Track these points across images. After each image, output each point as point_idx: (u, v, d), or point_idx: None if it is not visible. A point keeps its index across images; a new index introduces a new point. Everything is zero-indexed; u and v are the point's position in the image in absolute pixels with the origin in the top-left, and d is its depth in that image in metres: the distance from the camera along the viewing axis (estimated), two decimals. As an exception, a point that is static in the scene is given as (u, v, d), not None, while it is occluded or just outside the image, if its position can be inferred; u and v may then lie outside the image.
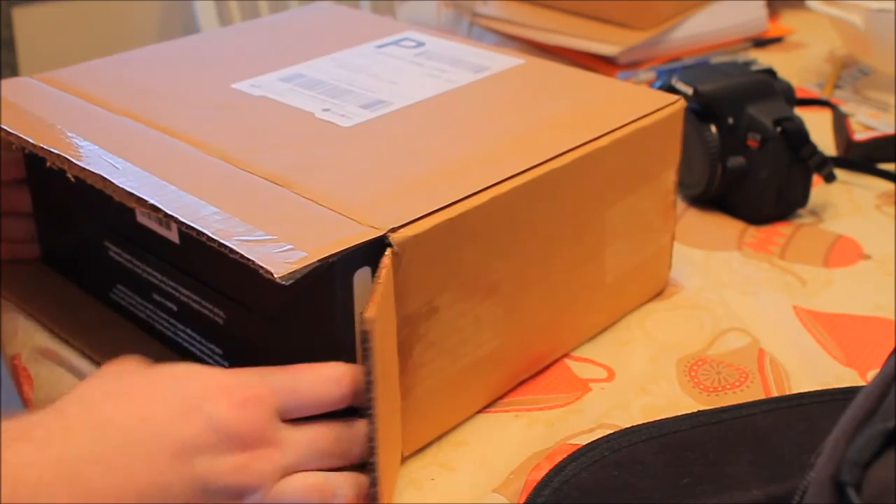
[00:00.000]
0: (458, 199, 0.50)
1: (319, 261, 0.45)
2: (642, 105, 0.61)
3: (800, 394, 0.55)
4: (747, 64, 0.87)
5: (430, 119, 0.59)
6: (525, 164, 0.53)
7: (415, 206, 0.49)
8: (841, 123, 0.84)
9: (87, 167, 0.51)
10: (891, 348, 0.56)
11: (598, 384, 0.58)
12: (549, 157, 0.54)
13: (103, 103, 0.61)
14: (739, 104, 0.73)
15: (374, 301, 0.45)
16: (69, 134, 0.56)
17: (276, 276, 0.43)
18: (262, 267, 0.43)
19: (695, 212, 0.77)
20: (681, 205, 0.77)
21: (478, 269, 0.52)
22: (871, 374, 0.59)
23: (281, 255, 0.45)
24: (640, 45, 1.01)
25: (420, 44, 0.70)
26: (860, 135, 0.84)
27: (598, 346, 0.61)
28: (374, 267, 0.47)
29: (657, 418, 0.53)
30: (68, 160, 0.52)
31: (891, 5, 0.89)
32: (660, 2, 1.02)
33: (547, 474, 0.49)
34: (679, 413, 0.54)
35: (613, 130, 0.57)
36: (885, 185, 0.80)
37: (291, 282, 0.43)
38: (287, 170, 0.52)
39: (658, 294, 0.66)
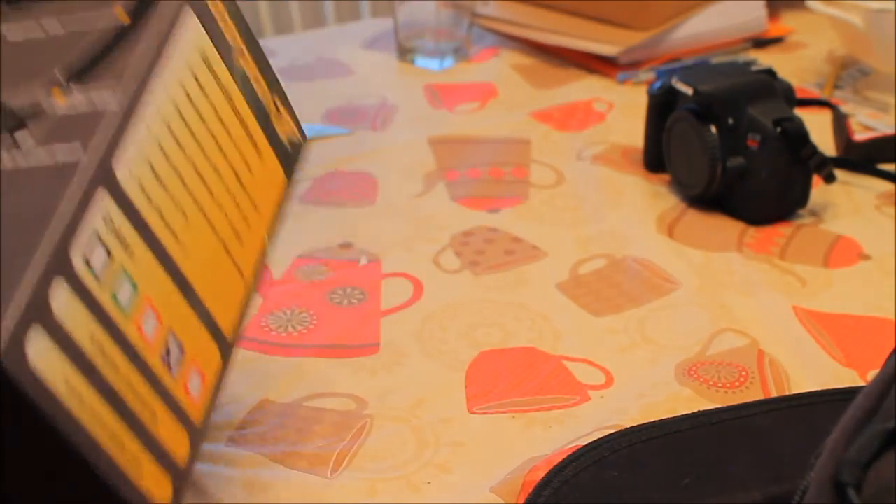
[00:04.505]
0: None
1: None
2: None
3: (800, 394, 0.55)
4: (747, 64, 0.87)
5: None
6: None
7: None
8: (841, 124, 0.84)
9: None
10: (891, 348, 0.55)
11: (597, 392, 0.58)
12: None
13: None
14: (739, 104, 0.73)
15: None
16: None
17: None
18: None
19: (694, 212, 0.77)
20: (680, 205, 0.77)
21: None
22: (871, 374, 0.59)
23: None
24: (640, 45, 1.01)
25: None
26: (860, 135, 0.84)
27: (596, 347, 0.61)
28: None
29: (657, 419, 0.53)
30: None
31: (891, 5, 0.89)
32: (660, 2, 1.02)
33: (547, 474, 0.49)
34: (678, 414, 0.54)
35: None
36: (885, 186, 0.80)
37: None
38: None
39: None
